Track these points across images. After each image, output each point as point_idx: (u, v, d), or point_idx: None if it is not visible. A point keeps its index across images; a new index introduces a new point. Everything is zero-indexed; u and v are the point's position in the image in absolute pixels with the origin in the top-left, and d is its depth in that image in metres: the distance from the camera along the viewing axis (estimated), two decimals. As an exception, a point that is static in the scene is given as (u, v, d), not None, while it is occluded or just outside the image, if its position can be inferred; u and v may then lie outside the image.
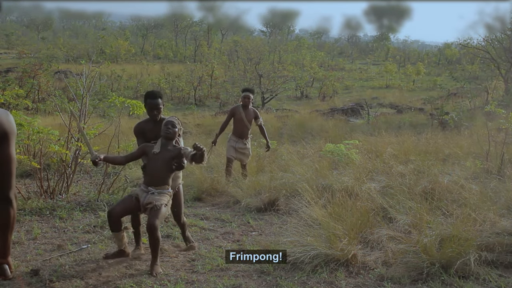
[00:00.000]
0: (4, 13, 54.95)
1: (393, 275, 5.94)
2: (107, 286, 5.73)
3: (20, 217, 8.21)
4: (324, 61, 59.06)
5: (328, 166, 10.64)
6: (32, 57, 44.33)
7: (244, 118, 10.94)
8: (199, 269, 6.33)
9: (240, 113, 10.95)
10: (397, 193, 8.27)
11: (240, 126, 11.00)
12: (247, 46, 47.41)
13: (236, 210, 9.18)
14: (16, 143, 9.58)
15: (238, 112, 10.97)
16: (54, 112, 22.89)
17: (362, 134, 15.68)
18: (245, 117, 10.95)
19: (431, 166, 10.50)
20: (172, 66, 47.90)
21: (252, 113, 11.10)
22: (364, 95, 36.86)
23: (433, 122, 20.55)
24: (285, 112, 27.94)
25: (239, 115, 10.95)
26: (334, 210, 7.12)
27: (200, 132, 19.03)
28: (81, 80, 10.37)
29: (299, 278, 5.98)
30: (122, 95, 14.77)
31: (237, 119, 10.99)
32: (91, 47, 55.80)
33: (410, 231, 6.91)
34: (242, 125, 10.98)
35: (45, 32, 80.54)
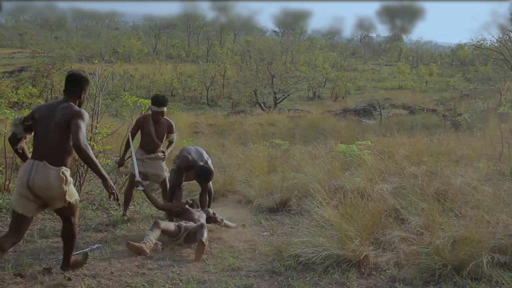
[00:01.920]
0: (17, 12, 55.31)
1: (405, 277, 5.93)
2: (119, 284, 5.75)
3: (33, 215, 8.25)
4: (336, 61, 58.96)
5: (340, 167, 10.62)
6: (46, 57, 44.50)
7: (153, 133, 8.65)
8: (211, 268, 6.35)
9: (149, 126, 8.63)
10: (409, 194, 8.24)
11: (148, 141, 8.73)
12: (260, 46, 47.44)
13: (248, 210, 9.18)
14: (29, 142, 9.64)
15: (147, 125, 8.63)
16: (67, 112, 22.95)
17: (374, 135, 15.63)
18: (154, 133, 8.67)
19: (443, 167, 10.45)
20: (185, 66, 47.90)
21: (166, 127, 8.78)
22: (377, 95, 36.75)
23: (446, 123, 20.46)
24: (297, 112, 27.90)
25: (148, 128, 8.64)
26: (346, 211, 7.11)
27: (212, 132, 19.04)
28: (93, 79, 10.40)
29: (311, 279, 5.98)
30: (134, 94, 14.77)
31: (145, 133, 8.71)
32: (104, 47, 55.90)
33: (422, 232, 6.89)
34: (150, 140, 8.70)
35: (58, 32, 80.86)
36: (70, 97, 5.75)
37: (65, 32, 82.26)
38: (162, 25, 78.24)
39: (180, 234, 7.21)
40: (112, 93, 29.47)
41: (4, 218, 8.12)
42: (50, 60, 37.07)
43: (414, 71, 54.46)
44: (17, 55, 57.32)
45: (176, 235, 7.20)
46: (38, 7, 34.99)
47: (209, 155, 10.54)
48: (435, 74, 48.34)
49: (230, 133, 18.68)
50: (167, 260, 6.59)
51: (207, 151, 9.55)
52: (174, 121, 9.09)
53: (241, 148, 13.67)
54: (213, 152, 13.07)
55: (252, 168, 11.12)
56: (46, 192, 5.45)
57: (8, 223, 7.76)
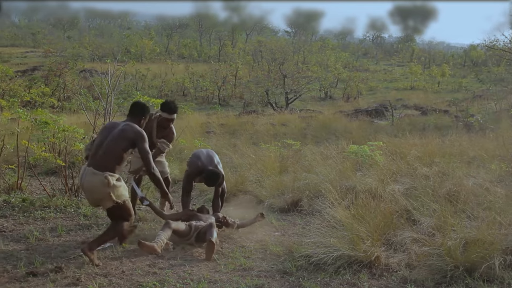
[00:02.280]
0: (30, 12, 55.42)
1: (416, 278, 5.92)
2: (130, 283, 5.77)
3: (45, 214, 8.30)
4: (348, 62, 58.87)
5: (352, 167, 10.60)
6: (58, 56, 44.74)
7: (154, 136, 8.35)
8: (222, 268, 6.36)
9: (152, 128, 8.32)
10: (421, 195, 8.21)
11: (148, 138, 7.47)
12: (272, 47, 47.33)
13: (259, 210, 9.17)
14: (42, 141, 9.70)
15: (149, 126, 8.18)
16: (79, 111, 23.10)
17: (386, 136, 15.59)
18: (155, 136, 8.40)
19: (455, 168, 10.42)
20: (197, 65, 47.96)
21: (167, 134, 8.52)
22: (389, 96, 36.65)
23: (458, 124, 20.37)
24: (309, 112, 27.88)
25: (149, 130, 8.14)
26: (358, 212, 7.10)
27: (224, 132, 19.05)
28: (106, 79, 10.47)
29: (322, 279, 5.98)
30: (146, 94, 14.81)
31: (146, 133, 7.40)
32: (116, 46, 56.06)
33: (434, 233, 6.87)
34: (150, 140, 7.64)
35: (71, 31, 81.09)
36: (132, 119, 6.73)
37: (77, 32, 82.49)
38: (174, 25, 78.32)
39: (191, 233, 7.23)
40: (124, 93, 29.59)
41: (16, 216, 8.17)
42: (62, 60, 37.30)
43: (426, 71, 54.26)
44: (30, 54, 57.56)
45: (187, 234, 7.22)
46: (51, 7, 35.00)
47: (221, 155, 10.52)
48: (448, 75, 48.16)
49: (241, 133, 18.68)
50: (178, 260, 6.60)
51: (218, 151, 9.56)
52: (186, 120, 9.12)
53: (252, 148, 13.66)
54: (225, 152, 13.09)
55: (263, 168, 11.12)
56: (92, 194, 6.44)
57: (20, 221, 7.84)
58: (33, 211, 8.42)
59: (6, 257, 6.44)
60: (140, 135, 6.53)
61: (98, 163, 6.36)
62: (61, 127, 9.22)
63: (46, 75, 32.13)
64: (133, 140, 6.49)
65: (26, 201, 8.84)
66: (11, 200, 8.91)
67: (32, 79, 30.48)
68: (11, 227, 7.68)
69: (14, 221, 7.99)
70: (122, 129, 6.53)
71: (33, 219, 8.09)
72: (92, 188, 6.35)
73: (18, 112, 9.31)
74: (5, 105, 10.70)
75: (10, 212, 8.33)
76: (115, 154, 6.41)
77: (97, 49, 55.99)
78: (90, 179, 6.32)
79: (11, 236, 7.28)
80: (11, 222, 7.93)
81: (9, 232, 7.46)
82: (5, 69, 13.08)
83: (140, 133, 6.54)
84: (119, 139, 6.45)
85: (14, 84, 24.83)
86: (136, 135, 6.50)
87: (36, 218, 8.14)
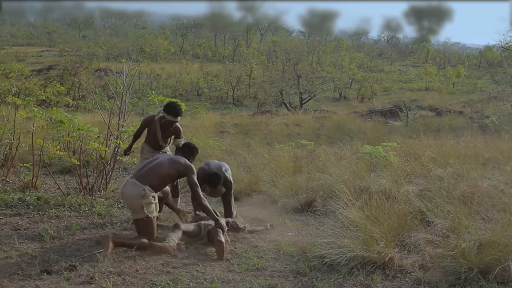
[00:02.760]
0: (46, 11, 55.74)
1: (430, 279, 5.90)
2: (144, 282, 5.79)
3: (60, 212, 8.33)
4: (363, 62, 58.76)
5: (366, 168, 10.57)
6: (73, 55, 44.98)
7: (159, 136, 8.49)
8: (235, 268, 6.36)
9: (156, 128, 8.47)
10: (435, 197, 8.18)
11: (154, 139, 8.58)
12: (286, 47, 47.36)
13: (273, 210, 9.17)
14: (57, 140, 9.75)
15: (153, 127, 8.51)
16: (94, 110, 23.17)
17: (400, 137, 15.55)
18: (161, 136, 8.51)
19: (470, 170, 10.37)
20: (211, 65, 48.08)
21: (173, 131, 8.61)
22: (403, 97, 36.54)
23: (473, 125, 20.28)
24: (323, 113, 27.83)
25: (154, 130, 8.52)
26: (372, 213, 7.08)
27: (238, 132, 19.06)
28: (121, 78, 10.48)
29: (335, 280, 5.97)
30: (161, 93, 14.91)
31: (151, 133, 8.60)
32: (131, 46, 56.29)
33: (448, 235, 6.83)
34: (156, 140, 8.55)
35: (86, 31, 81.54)
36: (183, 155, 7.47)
37: (93, 31, 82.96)
38: (189, 24, 78.49)
39: (202, 233, 7.26)
40: (139, 92, 29.73)
41: (31, 214, 8.21)
42: (77, 59, 37.51)
43: (441, 72, 54.08)
44: (46, 53, 57.90)
45: (199, 234, 7.26)
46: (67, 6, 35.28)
47: (235, 154, 10.51)
48: (463, 76, 47.99)
49: (255, 133, 18.68)
50: (192, 259, 6.61)
51: (232, 151, 9.57)
52: (200, 120, 9.15)
53: (266, 148, 13.66)
54: (239, 152, 13.10)
55: (277, 168, 11.10)
56: (128, 203, 7.28)
57: (35, 220, 7.88)
58: (48, 209, 8.45)
59: (21, 255, 6.48)
60: (190, 169, 7.18)
61: (141, 177, 7.04)
62: (76, 126, 9.25)
63: (61, 74, 32.28)
64: (181, 171, 7.20)
65: (41, 200, 8.88)
66: (26, 199, 8.96)
67: (47, 78, 30.62)
68: (26, 225, 7.72)
69: (29, 219, 8.02)
70: (173, 158, 7.39)
71: (47, 218, 8.13)
72: (129, 197, 7.00)
73: (34, 111, 9.35)
74: (20, 104, 10.73)
75: (25, 210, 8.37)
76: (159, 175, 7.08)
77: (112, 49, 56.23)
78: (130, 189, 6.98)
79: (25, 234, 7.31)
80: (26, 220, 7.97)
81: (24, 230, 7.49)
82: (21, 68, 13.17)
83: (189, 167, 7.20)
84: (168, 164, 7.16)
85: (29, 83, 24.96)
86: (186, 168, 7.18)
87: (50, 217, 8.17)
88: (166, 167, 7.14)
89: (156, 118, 8.35)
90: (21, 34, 76.15)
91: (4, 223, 7.77)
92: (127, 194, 7.04)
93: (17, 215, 8.15)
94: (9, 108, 11.15)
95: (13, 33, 78.27)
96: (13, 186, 9.84)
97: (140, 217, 6.94)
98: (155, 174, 7.07)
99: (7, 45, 57.74)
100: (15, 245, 6.80)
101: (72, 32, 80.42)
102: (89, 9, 60.51)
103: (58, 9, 35.68)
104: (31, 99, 10.94)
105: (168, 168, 7.14)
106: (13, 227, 7.59)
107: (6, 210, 8.39)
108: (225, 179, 8.12)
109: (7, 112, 11.21)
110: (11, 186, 9.85)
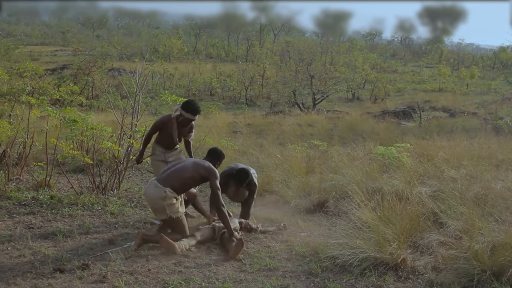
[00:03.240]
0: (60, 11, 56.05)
1: (443, 281, 5.88)
2: (156, 282, 5.81)
3: (73, 211, 8.37)
4: (376, 63, 58.54)
5: (379, 169, 10.54)
6: (87, 55, 45.17)
7: (175, 136, 8.45)
8: (247, 268, 6.37)
9: (172, 128, 8.41)
10: (448, 198, 8.14)
11: (167, 139, 8.50)
12: (299, 47, 47.32)
13: (285, 211, 9.17)
14: (70, 139, 9.80)
15: (169, 127, 8.42)
16: (107, 109, 23.24)
17: (413, 138, 15.49)
18: (177, 135, 8.48)
19: (483, 171, 10.32)
20: (224, 65, 48.12)
21: (188, 128, 8.61)
22: (417, 98, 36.38)
23: (487, 126, 20.16)
24: (336, 113, 27.75)
25: (169, 130, 8.43)
26: (384, 214, 7.07)
27: (251, 132, 19.06)
28: (134, 78, 10.51)
29: (347, 281, 5.97)
30: (174, 93, 14.92)
31: (166, 133, 8.48)
32: (145, 46, 56.52)
33: (461, 237, 6.81)
34: (170, 139, 8.48)
35: (100, 30, 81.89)
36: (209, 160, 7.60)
37: (106, 31, 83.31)
38: (202, 24, 78.61)
39: (216, 234, 7.29)
40: (152, 92, 29.80)
41: (45, 213, 8.25)
42: (91, 58, 37.63)
43: (455, 73, 53.89)
44: (60, 53, 58.22)
45: (213, 236, 7.29)
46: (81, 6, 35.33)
47: (247, 155, 10.49)
48: (477, 77, 47.80)
49: (268, 133, 18.66)
50: (204, 259, 6.64)
51: (245, 151, 9.56)
52: (212, 120, 9.18)
53: (279, 148, 13.64)
54: (251, 152, 13.11)
55: (290, 168, 11.10)
56: (150, 204, 7.47)
57: (48, 218, 7.92)
58: (61, 208, 8.50)
59: (34, 254, 6.52)
60: (213, 173, 7.30)
61: (163, 179, 7.22)
62: (89, 125, 9.28)
63: (75, 73, 32.37)
64: (204, 175, 7.31)
65: (54, 198, 8.93)
66: (39, 197, 9.01)
67: (61, 77, 30.69)
68: (39, 224, 7.76)
69: (42, 218, 8.07)
70: (197, 161, 7.54)
71: (60, 216, 8.17)
72: (151, 199, 7.25)
73: (47, 110, 9.39)
74: (34, 103, 10.78)
75: (38, 209, 8.42)
76: (181, 178, 7.23)
77: (125, 48, 56.43)
78: (152, 191, 7.20)
79: (39, 233, 7.36)
80: (39, 219, 8.02)
81: (37, 229, 7.54)
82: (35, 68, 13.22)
83: (213, 171, 7.32)
84: (192, 168, 7.31)
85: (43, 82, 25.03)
86: (209, 173, 7.29)
87: (63, 215, 8.22)
88: (189, 171, 7.28)
89: (173, 116, 8.33)
90: (35, 33, 76.63)
91: (17, 221, 7.82)
92: (149, 195, 7.29)
93: (30, 214, 8.20)
94: (23, 107, 11.20)
95: (28, 32, 78.78)
96: (26, 185, 9.89)
97: (163, 218, 7.21)
98: (177, 176, 7.22)
99: (21, 44, 57.95)
100: (29, 244, 6.85)
101: (86, 31, 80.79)
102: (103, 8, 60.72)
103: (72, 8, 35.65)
104: (45, 98, 11.00)
105: (191, 172, 7.28)
106: (26, 226, 7.64)
107: (19, 208, 8.45)
108: (251, 180, 8.19)
109: (21, 111, 11.27)
110: (25, 185, 9.90)
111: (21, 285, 5.55)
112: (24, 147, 10.83)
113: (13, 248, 6.71)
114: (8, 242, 6.92)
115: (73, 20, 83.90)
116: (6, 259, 6.32)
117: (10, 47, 44.26)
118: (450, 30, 38.56)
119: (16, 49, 46.35)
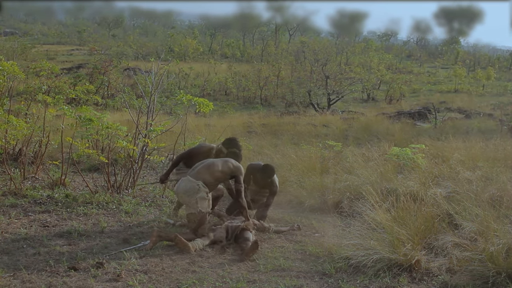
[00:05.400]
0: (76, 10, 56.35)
1: (457, 283, 5.84)
2: (170, 281, 5.82)
3: (87, 210, 8.40)
4: (391, 63, 58.42)
5: (393, 170, 10.51)
6: (103, 54, 45.28)
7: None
8: (261, 268, 6.36)
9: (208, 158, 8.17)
10: (463, 200, 8.10)
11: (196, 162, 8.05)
12: (314, 47, 47.28)
13: (299, 211, 9.16)
14: (85, 138, 9.84)
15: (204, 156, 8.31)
16: (122, 108, 23.34)
17: (428, 139, 15.43)
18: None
19: (499, 173, 10.26)
20: (239, 65, 48.18)
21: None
22: (432, 99, 36.27)
23: (503, 128, 20.08)
24: (351, 114, 27.75)
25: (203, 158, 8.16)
26: (399, 215, 7.04)
27: (266, 132, 19.05)
28: (149, 77, 10.55)
29: (361, 282, 5.95)
30: (189, 93, 14.90)
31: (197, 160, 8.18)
32: (160, 45, 56.68)
33: (476, 238, 6.76)
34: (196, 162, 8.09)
35: (115, 30, 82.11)
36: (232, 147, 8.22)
37: (122, 30, 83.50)
38: (218, 24, 78.70)
39: (230, 235, 7.31)
40: (167, 91, 29.83)
41: (60, 212, 8.29)
42: (107, 58, 37.74)
43: (471, 74, 53.68)
44: (76, 52, 58.50)
45: (226, 237, 7.29)
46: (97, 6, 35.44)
47: (262, 155, 10.50)
48: (493, 78, 47.56)
49: (283, 133, 18.66)
50: (218, 259, 6.64)
51: (259, 151, 9.56)
52: (227, 120, 9.23)
53: (293, 149, 13.64)
54: (266, 152, 13.09)
55: (304, 169, 11.08)
56: (182, 198, 7.51)
57: (63, 217, 7.96)
58: (76, 207, 8.53)
59: (49, 252, 6.55)
60: (240, 169, 7.69)
61: (194, 174, 7.48)
62: (104, 125, 9.31)
63: (91, 72, 32.54)
64: (232, 171, 7.63)
65: (69, 197, 8.97)
66: (54, 196, 9.05)
67: (77, 76, 30.88)
68: (54, 222, 7.80)
69: (57, 216, 8.11)
70: (225, 158, 7.84)
71: (75, 215, 8.20)
72: (185, 193, 7.40)
73: (63, 109, 9.42)
74: (50, 102, 10.82)
75: (54, 208, 8.46)
76: (212, 172, 7.49)
77: (141, 48, 56.66)
78: (185, 184, 7.41)
79: (54, 231, 7.39)
80: (54, 217, 8.06)
81: (52, 227, 7.57)
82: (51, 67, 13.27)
83: (240, 167, 7.70)
84: (221, 163, 7.63)
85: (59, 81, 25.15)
86: (237, 169, 7.66)
87: (78, 214, 8.25)
88: (219, 166, 7.58)
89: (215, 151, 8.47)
90: (51, 33, 76.99)
91: (33, 219, 7.86)
92: (182, 189, 7.43)
93: (45, 212, 8.24)
94: (39, 106, 11.26)
95: (44, 31, 79.21)
96: (42, 183, 9.95)
97: (193, 212, 7.33)
98: (208, 171, 7.49)
99: (38, 43, 58.27)
100: (44, 242, 6.88)
101: (102, 31, 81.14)
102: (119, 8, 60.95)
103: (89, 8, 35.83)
104: (61, 97, 11.03)
105: (222, 166, 7.58)
106: (41, 224, 7.67)
107: (35, 207, 8.49)
108: (273, 180, 8.41)
109: (37, 110, 11.33)
110: (40, 183, 9.96)
111: (36, 283, 5.57)
112: (40, 145, 10.89)
113: (28, 246, 6.74)
114: (24, 240, 6.96)
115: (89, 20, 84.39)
116: (21, 257, 6.35)
117: (27, 46, 44.53)
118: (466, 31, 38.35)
119: (33, 48, 46.62)
